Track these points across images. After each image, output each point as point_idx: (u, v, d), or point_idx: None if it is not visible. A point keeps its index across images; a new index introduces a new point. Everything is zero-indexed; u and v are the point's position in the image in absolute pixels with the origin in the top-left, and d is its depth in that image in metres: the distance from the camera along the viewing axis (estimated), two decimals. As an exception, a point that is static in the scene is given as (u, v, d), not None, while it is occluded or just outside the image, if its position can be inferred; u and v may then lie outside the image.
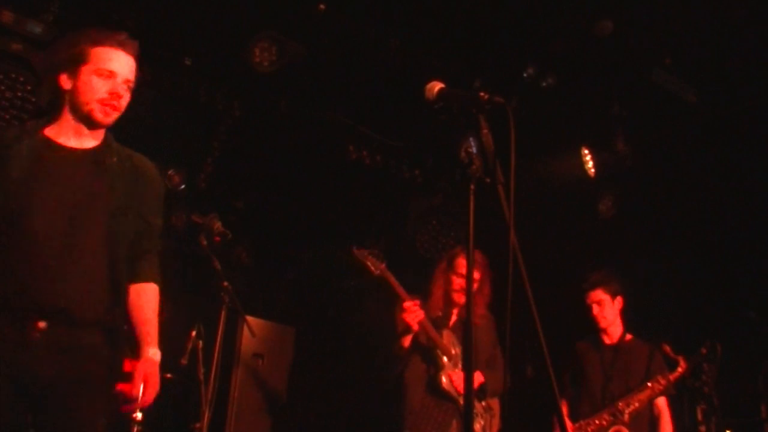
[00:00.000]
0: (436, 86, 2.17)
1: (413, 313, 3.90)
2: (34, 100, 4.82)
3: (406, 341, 4.01)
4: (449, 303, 4.26)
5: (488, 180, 1.98)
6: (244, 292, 5.14)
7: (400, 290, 3.98)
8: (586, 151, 6.06)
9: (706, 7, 4.84)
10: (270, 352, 7.02)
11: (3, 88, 4.77)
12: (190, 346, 4.09)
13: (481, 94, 2.03)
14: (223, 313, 4.04)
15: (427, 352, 4.09)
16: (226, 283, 4.07)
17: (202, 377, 3.95)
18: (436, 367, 4.07)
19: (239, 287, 4.68)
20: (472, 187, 1.99)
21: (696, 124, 5.81)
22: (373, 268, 3.95)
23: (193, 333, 4.13)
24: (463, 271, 4.10)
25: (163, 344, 4.39)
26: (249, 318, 4.62)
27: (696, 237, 6.05)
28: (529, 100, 5.60)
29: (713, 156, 5.86)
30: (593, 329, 4.57)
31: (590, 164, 6.03)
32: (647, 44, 5.25)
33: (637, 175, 6.24)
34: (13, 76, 4.77)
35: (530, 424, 4.50)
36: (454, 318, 4.28)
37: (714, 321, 5.39)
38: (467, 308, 1.94)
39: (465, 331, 1.93)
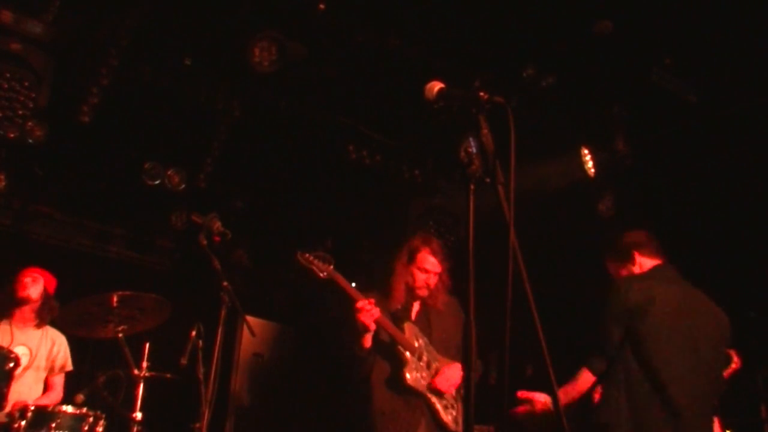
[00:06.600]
0: (436, 86, 2.17)
1: (367, 312, 3.76)
2: (32, 105, 4.82)
3: (367, 341, 3.88)
4: (411, 295, 4.15)
5: (488, 180, 1.98)
6: (244, 292, 5.14)
7: (351, 290, 3.87)
8: (586, 151, 6.06)
9: (706, 7, 4.84)
10: (270, 352, 7.03)
11: (5, 87, 4.77)
12: (190, 346, 4.07)
13: (481, 94, 2.03)
14: (223, 313, 4.02)
15: (389, 350, 3.99)
16: (226, 283, 4.06)
17: (202, 377, 3.94)
18: (400, 364, 3.96)
19: (239, 287, 4.68)
20: (472, 187, 1.98)
21: (696, 124, 5.81)
22: (318, 271, 3.85)
23: (193, 333, 4.11)
24: (426, 266, 4.09)
25: (163, 344, 4.41)
26: (249, 318, 4.62)
27: (696, 237, 6.05)
28: (529, 100, 5.60)
29: (713, 156, 5.86)
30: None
31: (590, 164, 6.04)
32: (647, 44, 5.26)
33: (637, 175, 6.24)
34: (17, 76, 4.78)
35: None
36: (416, 309, 4.19)
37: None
38: (466, 310, 1.93)
39: (464, 332, 1.92)
